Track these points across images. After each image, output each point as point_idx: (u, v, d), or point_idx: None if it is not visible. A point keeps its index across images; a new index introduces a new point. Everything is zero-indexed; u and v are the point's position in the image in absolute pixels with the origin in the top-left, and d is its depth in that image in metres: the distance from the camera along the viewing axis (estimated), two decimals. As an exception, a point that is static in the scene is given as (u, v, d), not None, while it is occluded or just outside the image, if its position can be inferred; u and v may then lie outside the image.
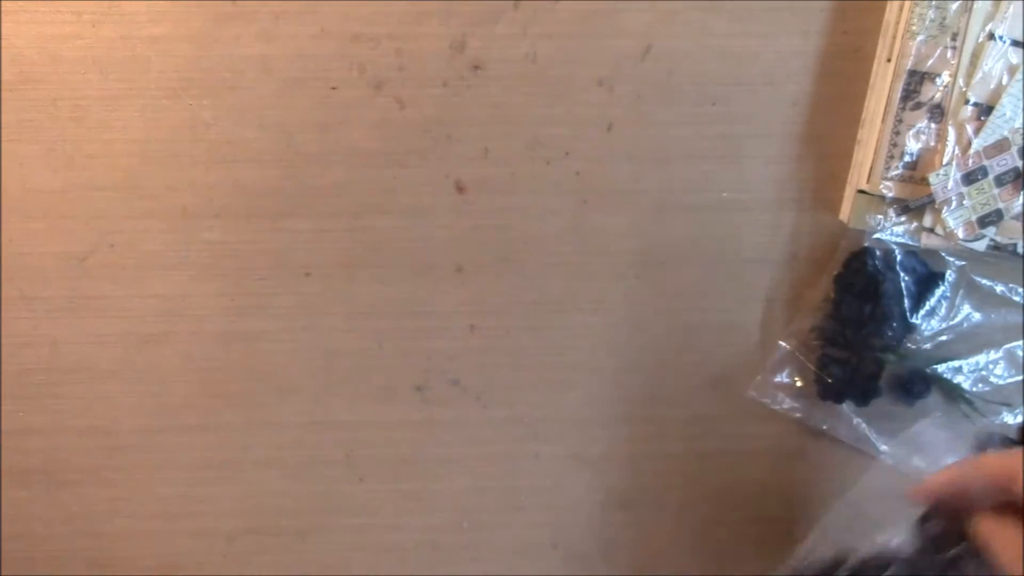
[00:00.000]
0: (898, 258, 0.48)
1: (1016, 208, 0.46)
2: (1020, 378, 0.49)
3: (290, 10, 0.45)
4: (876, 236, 0.47)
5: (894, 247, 0.48)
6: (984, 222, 0.46)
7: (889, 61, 0.45)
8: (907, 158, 0.46)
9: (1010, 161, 0.45)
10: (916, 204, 0.46)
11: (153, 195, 0.48)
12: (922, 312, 0.48)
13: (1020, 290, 0.49)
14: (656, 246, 0.50)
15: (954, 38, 0.44)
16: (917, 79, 0.45)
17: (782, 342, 0.51)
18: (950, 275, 0.49)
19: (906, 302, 0.48)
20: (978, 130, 0.45)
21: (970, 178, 0.45)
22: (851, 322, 0.49)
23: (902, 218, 0.47)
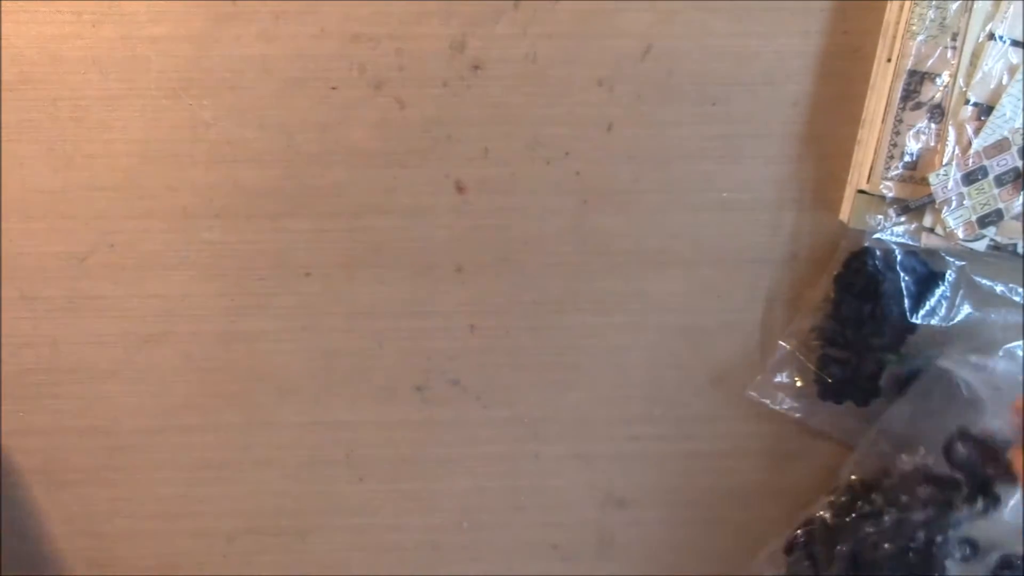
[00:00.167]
0: (898, 258, 0.48)
1: (1016, 208, 0.46)
2: (1020, 378, 0.49)
3: (290, 10, 0.45)
4: (876, 236, 0.47)
5: (894, 247, 0.48)
6: (984, 222, 0.46)
7: (889, 61, 0.45)
8: (907, 158, 0.45)
9: (1010, 161, 0.45)
10: (916, 204, 0.46)
11: (153, 195, 0.48)
12: (922, 312, 0.48)
13: (1020, 290, 0.49)
14: (656, 246, 0.50)
15: (954, 38, 0.44)
16: (917, 79, 0.45)
17: (782, 342, 0.51)
18: (950, 275, 0.49)
19: (906, 302, 0.48)
20: (978, 130, 0.45)
21: (970, 178, 0.45)
22: (851, 322, 0.49)
23: (902, 218, 0.47)
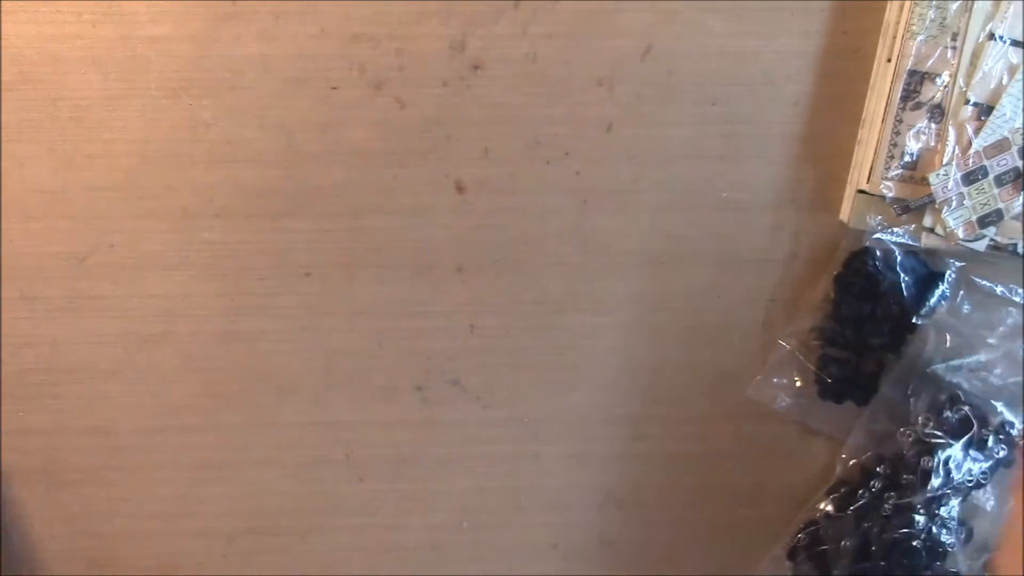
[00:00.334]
0: (898, 258, 0.48)
1: (1016, 208, 0.46)
2: (1020, 378, 0.49)
3: (290, 10, 0.45)
4: (876, 236, 0.47)
5: (894, 247, 0.48)
6: (984, 222, 0.46)
7: (889, 61, 0.45)
8: (907, 158, 0.45)
9: (1010, 161, 0.45)
10: (916, 204, 0.46)
11: (153, 195, 0.48)
12: (922, 312, 0.48)
13: (1020, 290, 0.49)
14: (656, 246, 0.50)
15: (954, 38, 0.44)
16: (917, 79, 0.45)
17: (782, 342, 0.51)
18: (950, 275, 0.49)
19: (906, 302, 0.48)
20: (978, 130, 0.45)
21: (970, 178, 0.45)
22: (851, 322, 0.49)
23: (902, 218, 0.47)
